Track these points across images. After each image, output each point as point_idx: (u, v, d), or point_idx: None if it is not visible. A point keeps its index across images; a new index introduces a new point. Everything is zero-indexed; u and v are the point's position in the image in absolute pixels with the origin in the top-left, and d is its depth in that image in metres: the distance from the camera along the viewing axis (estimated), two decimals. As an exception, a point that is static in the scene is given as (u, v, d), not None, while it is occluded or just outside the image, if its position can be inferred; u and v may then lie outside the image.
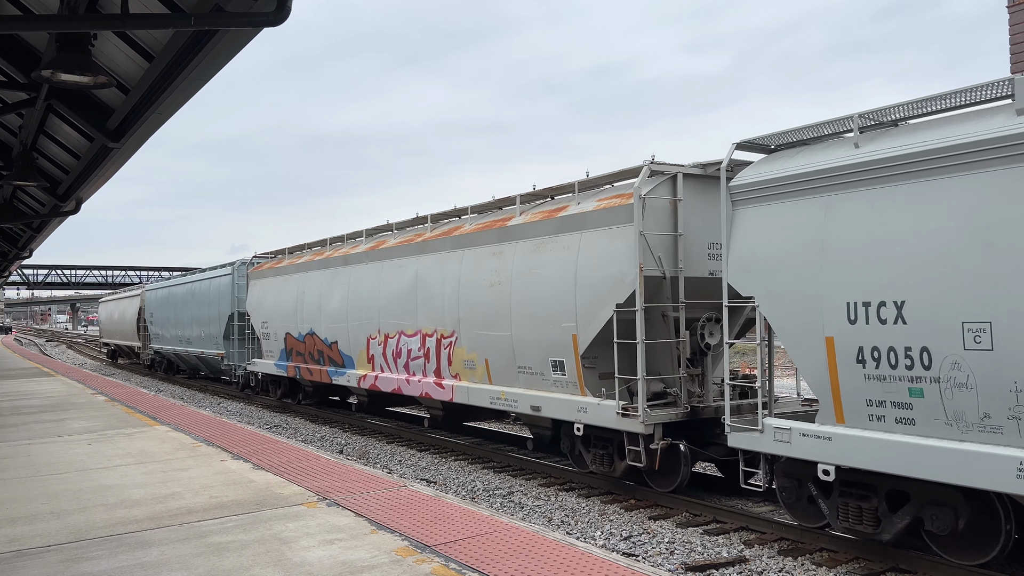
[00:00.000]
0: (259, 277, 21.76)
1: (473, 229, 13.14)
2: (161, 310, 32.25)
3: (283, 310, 19.64)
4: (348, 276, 16.80)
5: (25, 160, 11.88)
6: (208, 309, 26.22)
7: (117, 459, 10.15)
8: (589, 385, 10.66)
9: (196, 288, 27.85)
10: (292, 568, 5.71)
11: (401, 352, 14.79)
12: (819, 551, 8.33)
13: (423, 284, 14.04)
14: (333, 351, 17.35)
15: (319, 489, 8.20)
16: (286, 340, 19.61)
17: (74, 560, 5.99)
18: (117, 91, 9.05)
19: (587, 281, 10.45)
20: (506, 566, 5.68)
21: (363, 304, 16.01)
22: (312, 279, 18.44)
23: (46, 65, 7.01)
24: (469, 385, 12.92)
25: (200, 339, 27.18)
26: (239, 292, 23.87)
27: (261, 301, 21.14)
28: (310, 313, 18.23)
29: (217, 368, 26.57)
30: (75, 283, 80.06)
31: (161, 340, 32.53)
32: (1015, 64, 17.44)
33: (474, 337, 12.66)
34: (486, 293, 12.35)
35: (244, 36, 6.63)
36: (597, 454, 10.89)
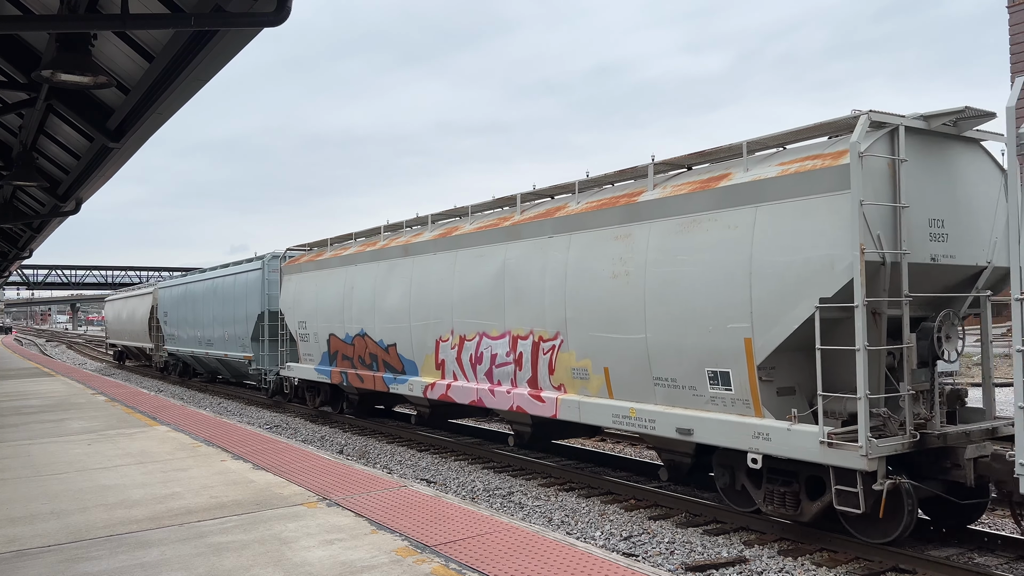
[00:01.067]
0: (295, 272, 19.43)
1: (584, 208, 10.86)
2: (177, 309, 29.94)
3: (326, 308, 17.49)
4: (411, 268, 14.57)
5: (25, 160, 11.89)
6: (233, 308, 23.89)
7: (117, 459, 10.15)
8: (767, 403, 8.42)
9: (219, 285, 25.47)
10: (292, 568, 5.71)
11: (483, 357, 12.60)
12: (819, 551, 8.33)
13: (513, 276, 11.86)
14: (390, 355, 15.22)
15: (319, 489, 8.20)
16: (329, 342, 17.48)
17: (74, 560, 5.99)
18: (117, 91, 9.06)
19: (770, 269, 8.22)
20: (506, 566, 5.68)
21: (431, 301, 13.85)
22: (363, 273, 16.21)
23: (46, 65, 7.02)
24: (581, 399, 10.67)
25: (223, 340, 24.89)
26: (270, 289, 21.66)
27: (298, 298, 18.93)
28: (360, 312, 16.13)
29: (242, 373, 24.54)
30: (75, 283, 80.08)
31: (176, 341, 30.30)
32: (1015, 64, 17.44)
33: (588, 341, 10.48)
34: (606, 286, 10.15)
35: (244, 36, 6.64)
36: (774, 491, 8.58)
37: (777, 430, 8.17)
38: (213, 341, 25.77)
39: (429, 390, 13.97)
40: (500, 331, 12.20)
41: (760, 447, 8.33)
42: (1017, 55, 17.37)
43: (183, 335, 29.36)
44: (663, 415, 9.42)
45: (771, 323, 8.20)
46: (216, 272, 26.36)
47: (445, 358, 13.59)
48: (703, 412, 9.02)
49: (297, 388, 20.13)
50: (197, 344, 27.59)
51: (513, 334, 11.92)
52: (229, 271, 24.95)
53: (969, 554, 8.12)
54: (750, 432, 8.41)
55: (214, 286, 25.88)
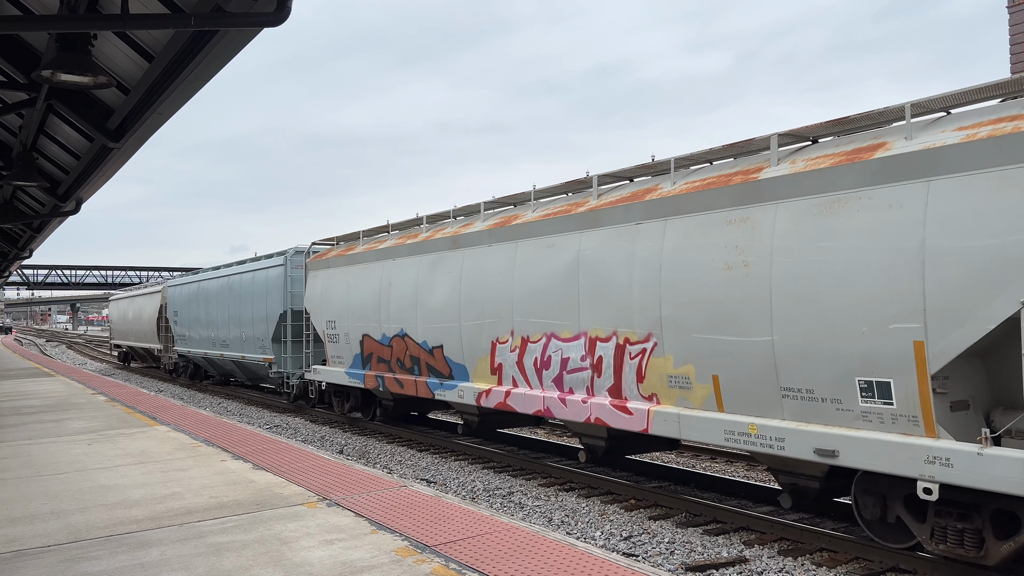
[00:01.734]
0: (321, 267, 17.90)
1: (684, 189, 9.30)
2: (188, 308, 28.21)
3: (359, 306, 16.04)
4: (460, 262, 13.08)
5: (25, 160, 11.89)
6: (252, 307, 22.28)
7: (117, 459, 10.15)
8: (941, 421, 6.93)
9: (235, 282, 23.79)
10: (292, 568, 5.71)
11: (551, 362, 11.12)
12: (819, 551, 8.33)
13: (590, 269, 10.39)
14: (435, 358, 13.73)
15: (319, 489, 8.20)
16: (363, 344, 15.99)
17: (74, 560, 5.99)
18: (117, 91, 9.07)
19: (952, 257, 6.72)
20: (506, 566, 5.69)
21: (485, 297, 12.36)
22: (403, 268, 14.72)
23: (46, 65, 7.02)
24: (680, 412, 9.12)
25: (240, 342, 23.33)
26: (293, 286, 20.11)
27: (326, 296, 17.33)
28: (400, 310, 14.61)
29: (261, 376, 23.01)
30: (75, 283, 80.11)
31: (188, 342, 28.58)
32: (1015, 64, 17.47)
33: (690, 344, 8.99)
34: (717, 279, 8.62)
35: (244, 36, 6.64)
36: (947, 527, 7.14)
37: (962, 454, 6.60)
38: (228, 342, 24.24)
39: (483, 398, 12.46)
40: (573, 332, 10.68)
41: (936, 474, 6.78)
42: (1017, 55, 17.39)
43: (195, 336, 27.74)
44: (795, 433, 7.89)
45: (954, 323, 6.68)
46: (232, 269, 24.66)
47: (503, 362, 12.12)
48: (851, 430, 7.48)
49: (323, 393, 18.73)
50: (210, 345, 26.03)
51: (590, 335, 10.39)
52: (247, 268, 23.23)
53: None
54: (921, 456, 6.90)
55: (230, 284, 24.26)
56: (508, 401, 11.96)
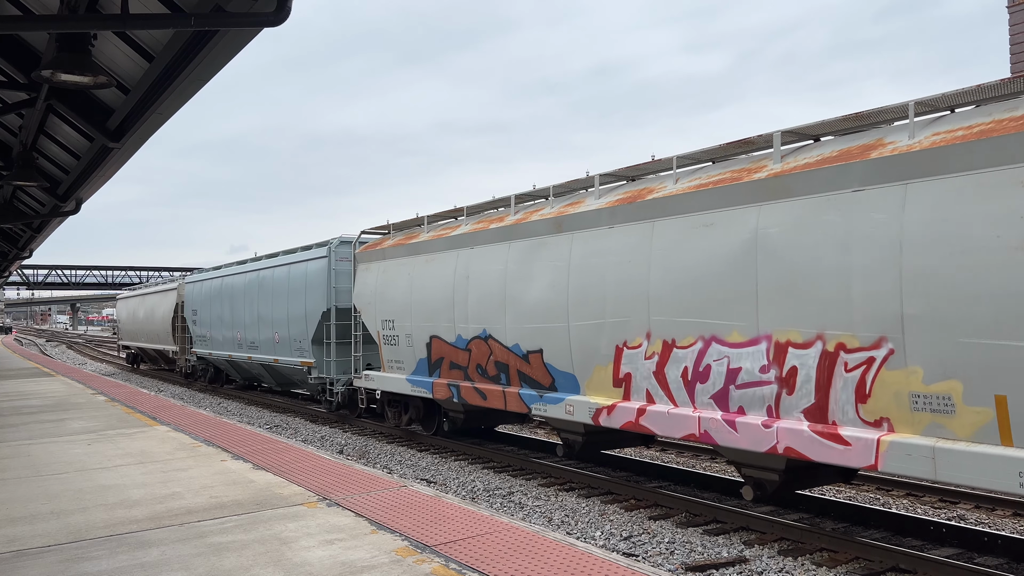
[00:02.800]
0: (374, 259, 15.84)
1: (936, 142, 7.04)
2: (210, 306, 25.83)
3: (425, 304, 13.92)
4: (567, 248, 10.88)
5: (25, 160, 11.90)
6: (288, 304, 19.97)
7: (117, 459, 10.15)
8: None
9: (267, 278, 21.47)
10: (292, 568, 5.71)
11: (709, 372, 8.93)
12: (819, 551, 8.33)
13: (774, 252, 8.23)
14: (532, 365, 11.53)
15: (319, 489, 8.21)
16: (430, 347, 13.86)
17: (74, 560, 5.99)
18: (117, 91, 9.07)
19: None
20: (506, 566, 5.69)
21: (605, 292, 10.17)
22: (486, 257, 12.50)
23: (46, 65, 7.02)
24: (935, 444, 6.85)
25: (271, 344, 21.01)
26: (338, 281, 18.07)
27: (382, 292, 15.27)
28: (482, 307, 12.41)
29: (295, 382, 20.95)
30: (75, 283, 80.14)
31: (208, 344, 26.12)
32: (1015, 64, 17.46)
33: (954, 352, 6.77)
34: (1004, 264, 6.46)
35: (244, 36, 6.64)
36: None
37: None
38: (258, 344, 21.87)
39: (603, 415, 10.18)
40: (748, 335, 8.51)
41: None
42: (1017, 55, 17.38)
43: (217, 337, 25.29)
44: None
45: None
46: (263, 263, 22.22)
47: (633, 371, 9.90)
48: None
49: (378, 401, 16.50)
50: (235, 347, 23.66)
51: (776, 339, 8.21)
52: (281, 261, 20.87)
53: (969, 554, 8.12)
54: None
55: (260, 279, 21.87)
56: (642, 421, 9.67)
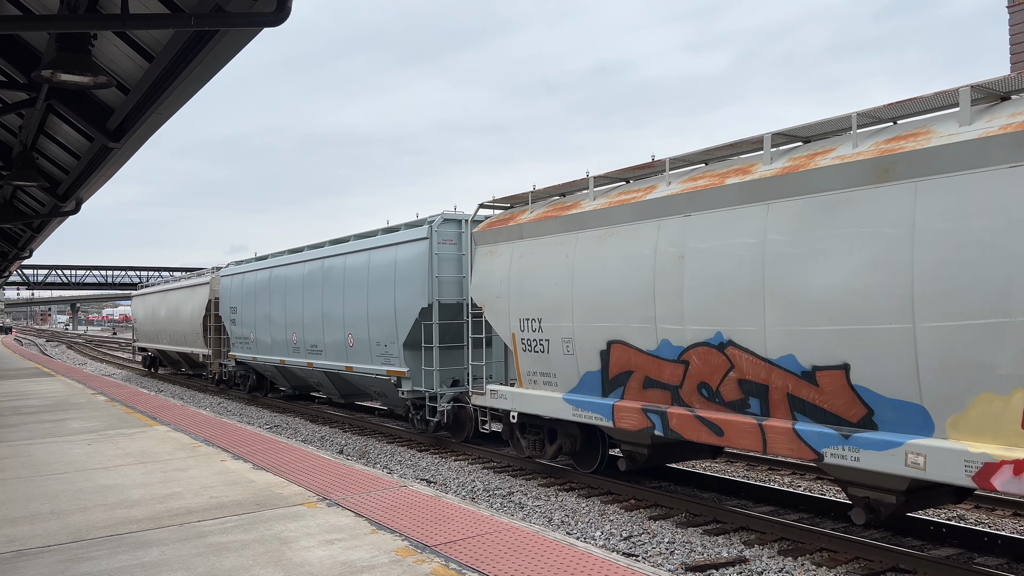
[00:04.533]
0: (505, 239, 12.10)
1: None
2: (254, 303, 22.11)
3: (596, 296, 10.22)
4: (907, 207, 7.06)
5: (25, 160, 11.90)
6: (369, 300, 16.06)
7: (117, 459, 10.15)
8: None
9: (337, 267, 17.60)
10: (292, 568, 5.71)
11: None
12: (819, 551, 8.33)
13: None
14: (823, 388, 7.72)
15: (319, 489, 8.20)
16: (607, 355, 10.14)
17: (74, 560, 5.99)
18: (117, 91, 9.07)
19: None
20: (506, 566, 5.69)
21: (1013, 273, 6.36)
22: (718, 227, 8.71)
23: (46, 65, 7.02)
24: None
25: (344, 348, 17.17)
26: (441, 269, 14.29)
27: (518, 281, 11.63)
28: (713, 300, 8.69)
29: (373, 394, 17.28)
30: (75, 283, 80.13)
31: (252, 347, 22.46)
32: (1015, 63, 17.47)
33: None
34: None
35: (244, 36, 6.64)
36: None
37: None
38: (322, 348, 18.16)
39: (1002, 475, 6.39)
40: None
41: None
42: (1017, 55, 17.39)
43: (263, 339, 21.55)
44: None
45: None
46: (329, 250, 18.23)
47: None
48: None
49: (504, 424, 12.66)
50: (289, 351, 19.97)
51: None
52: (358, 246, 16.87)
53: (969, 554, 8.12)
54: None
55: (326, 270, 18.04)
56: None
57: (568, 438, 11.64)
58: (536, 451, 12.20)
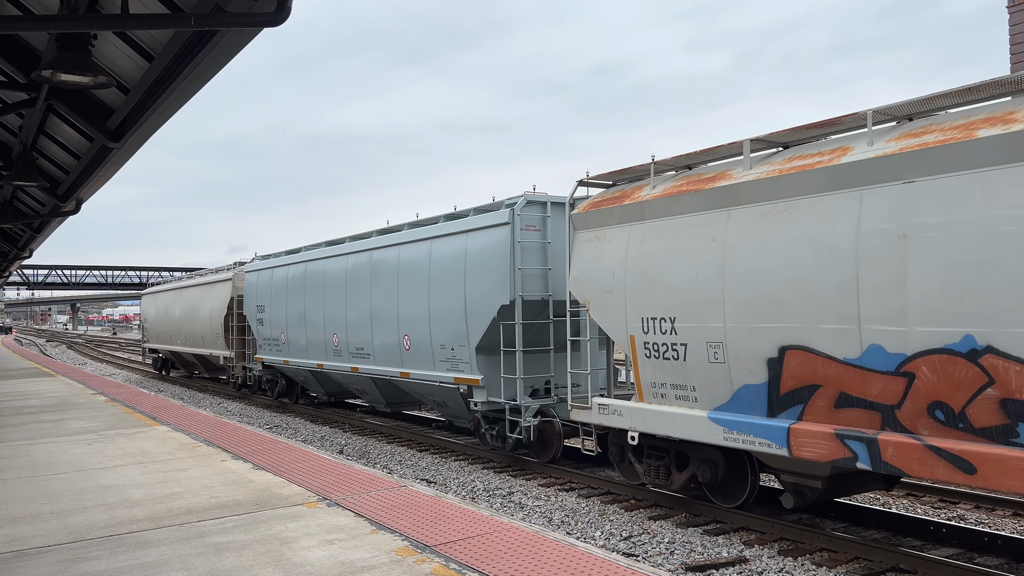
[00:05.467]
0: (618, 222, 10.08)
1: None
2: (285, 301, 19.92)
3: (760, 289, 8.23)
4: None
5: (25, 160, 11.89)
6: (432, 296, 13.92)
7: (117, 459, 10.15)
8: None
9: (389, 260, 15.39)
10: (292, 568, 5.71)
11: None
12: (819, 551, 8.33)
13: None
14: None
15: (319, 489, 8.20)
16: (780, 364, 8.10)
17: (74, 560, 5.99)
18: (117, 91, 9.07)
19: None
20: (506, 566, 5.68)
21: None
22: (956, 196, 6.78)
23: (46, 65, 7.02)
24: None
25: (398, 351, 14.97)
26: (524, 259, 12.16)
27: (639, 271, 9.62)
28: (964, 293, 6.68)
29: (435, 403, 14.85)
30: (75, 283, 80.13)
31: (282, 349, 20.35)
32: (1015, 63, 17.48)
33: None
34: None
35: (244, 36, 6.64)
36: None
37: None
38: (370, 351, 16.01)
39: None
40: None
41: None
42: (1017, 55, 17.40)
43: (297, 340, 19.42)
44: None
45: None
46: (378, 240, 15.97)
47: None
48: None
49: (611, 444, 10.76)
50: (328, 354, 17.89)
51: None
52: (414, 236, 14.72)
53: (969, 554, 8.12)
54: None
55: (376, 263, 15.88)
56: None
57: (706, 465, 9.36)
58: (659, 479, 9.85)
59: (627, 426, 9.87)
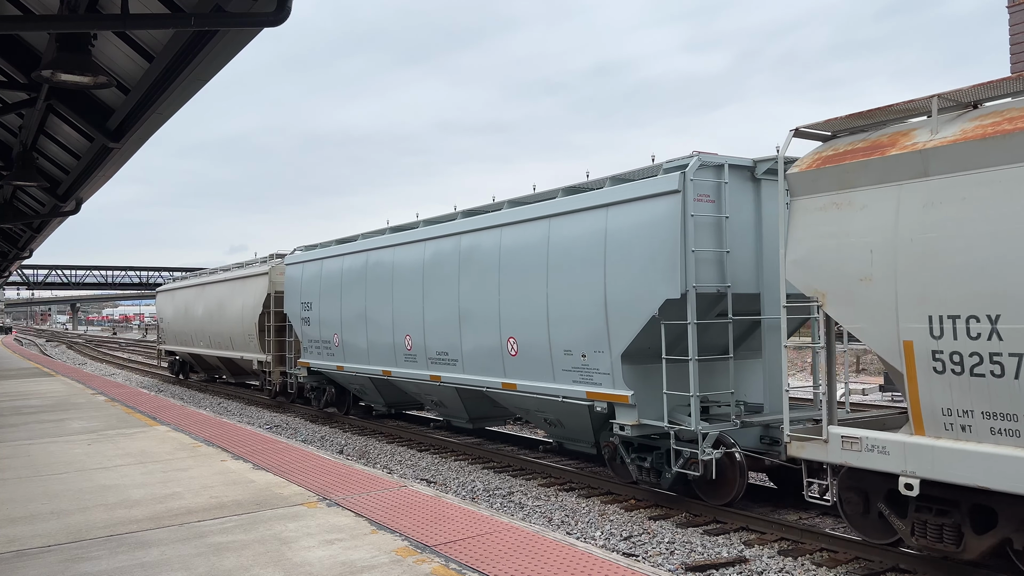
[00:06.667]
0: (870, 182, 7.38)
1: None
2: (340, 297, 17.19)
3: None
4: None
5: (25, 160, 11.90)
6: (552, 289, 11.15)
7: (117, 459, 10.15)
8: None
9: (484, 245, 12.66)
10: (292, 568, 5.71)
11: None
12: (819, 551, 8.33)
13: None
14: None
15: (319, 489, 8.20)
16: None
17: (74, 560, 5.99)
18: (117, 91, 9.07)
19: None
20: (506, 566, 5.69)
21: None
22: None
23: (46, 65, 7.02)
24: None
25: (498, 358, 12.27)
26: (699, 239, 9.47)
27: (919, 250, 6.96)
28: None
29: (546, 423, 12.03)
30: (75, 283, 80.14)
31: (337, 353, 17.52)
32: (1015, 63, 17.48)
33: None
34: None
35: (244, 36, 6.64)
36: None
37: None
38: (459, 357, 13.29)
39: None
40: None
41: None
42: (1017, 55, 17.40)
43: (356, 342, 16.68)
44: None
45: None
46: (467, 223, 13.24)
47: None
48: None
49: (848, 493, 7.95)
50: (400, 360, 15.10)
51: None
52: (526, 214, 11.83)
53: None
54: None
55: (465, 250, 13.12)
56: None
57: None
58: (942, 542, 7.19)
59: (898, 469, 7.16)
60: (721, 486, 9.63)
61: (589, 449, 11.36)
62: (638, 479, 10.36)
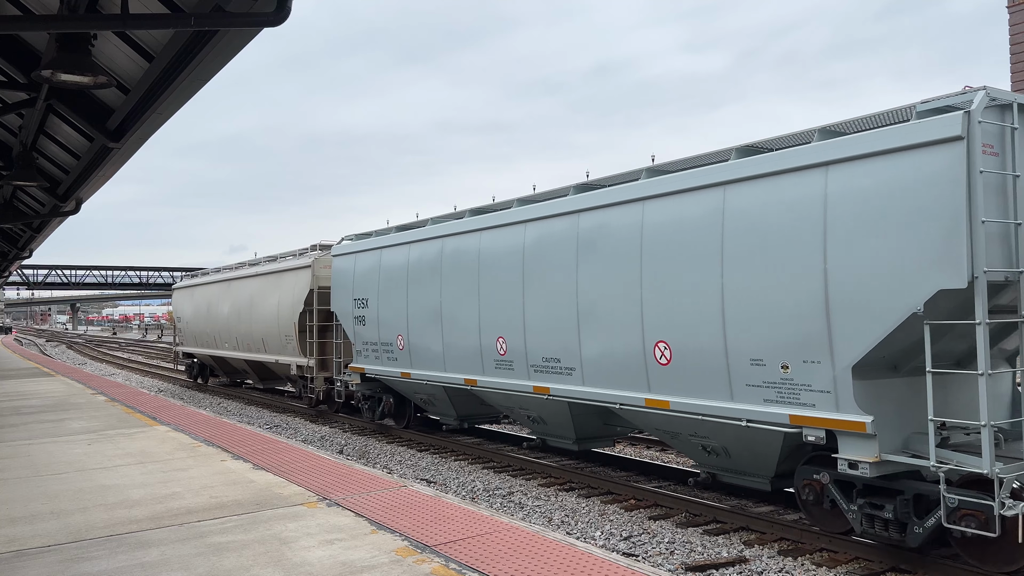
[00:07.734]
0: None
1: None
2: (406, 293, 14.72)
3: None
4: None
5: (25, 160, 11.90)
6: (728, 277, 8.56)
7: (117, 459, 10.15)
8: None
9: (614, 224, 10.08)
10: (292, 568, 5.71)
11: None
12: (819, 551, 8.33)
13: None
14: None
15: (319, 489, 8.20)
16: None
17: (74, 560, 5.99)
18: (117, 91, 9.07)
19: None
20: (506, 566, 5.69)
21: None
22: None
23: (46, 65, 7.03)
24: None
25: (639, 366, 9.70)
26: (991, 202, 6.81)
27: None
28: None
29: (707, 450, 9.46)
30: (75, 283, 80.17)
31: (402, 358, 14.97)
32: (1015, 63, 17.47)
33: None
34: None
35: (244, 36, 6.65)
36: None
37: None
38: (574, 365, 10.81)
39: None
40: None
41: None
42: (1017, 55, 17.39)
43: (429, 345, 14.13)
44: None
45: None
46: (584, 199, 10.70)
47: None
48: None
49: None
50: (489, 367, 12.54)
51: None
52: (691, 181, 9.10)
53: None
54: None
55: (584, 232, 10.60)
56: None
57: None
58: None
59: None
60: (1004, 545, 6.92)
61: (761, 485, 9.13)
62: (863, 532, 7.77)
